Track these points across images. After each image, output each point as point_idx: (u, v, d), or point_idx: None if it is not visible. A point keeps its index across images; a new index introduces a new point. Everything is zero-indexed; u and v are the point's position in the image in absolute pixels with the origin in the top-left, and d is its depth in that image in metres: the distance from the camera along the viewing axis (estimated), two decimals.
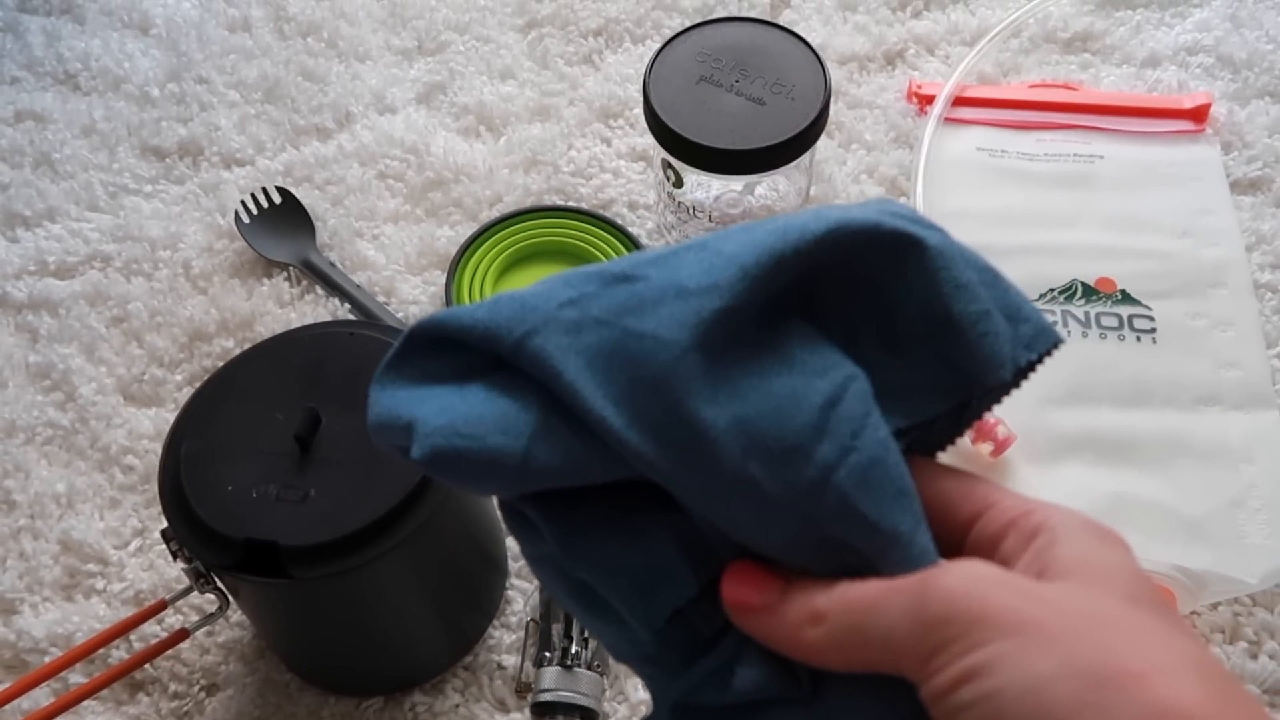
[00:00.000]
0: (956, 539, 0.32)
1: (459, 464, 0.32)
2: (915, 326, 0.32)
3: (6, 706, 0.55)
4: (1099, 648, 0.26)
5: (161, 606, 0.57)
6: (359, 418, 0.51)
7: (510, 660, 0.60)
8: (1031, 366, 0.33)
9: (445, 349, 0.33)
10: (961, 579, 0.28)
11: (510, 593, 0.62)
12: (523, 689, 0.60)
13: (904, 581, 0.29)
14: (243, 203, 0.76)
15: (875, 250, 0.32)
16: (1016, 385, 0.34)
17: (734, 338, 0.32)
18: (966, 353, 0.32)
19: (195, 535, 0.50)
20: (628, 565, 0.32)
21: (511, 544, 0.63)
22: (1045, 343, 0.33)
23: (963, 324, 0.32)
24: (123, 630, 0.56)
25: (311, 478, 0.51)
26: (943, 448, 0.35)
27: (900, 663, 0.28)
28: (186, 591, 0.56)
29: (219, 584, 0.54)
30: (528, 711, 0.58)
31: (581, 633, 0.59)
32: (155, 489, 0.66)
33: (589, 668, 0.58)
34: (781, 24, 0.70)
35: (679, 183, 0.69)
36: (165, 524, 0.62)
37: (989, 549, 0.31)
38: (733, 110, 0.65)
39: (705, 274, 0.32)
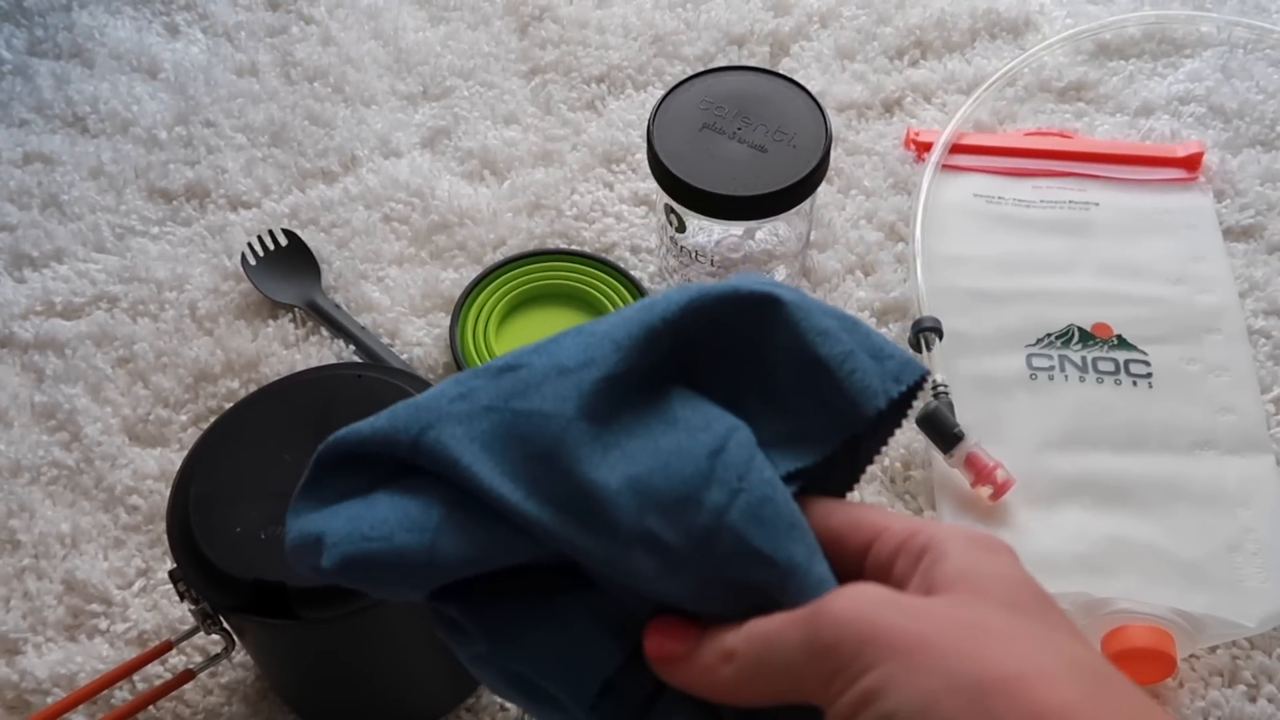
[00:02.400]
0: (854, 569, 0.33)
1: (369, 567, 0.33)
2: (789, 377, 0.35)
3: None
4: (981, 658, 0.27)
5: (167, 648, 0.57)
6: None
7: None
8: (906, 400, 0.35)
9: (352, 467, 0.35)
10: (850, 602, 0.30)
11: None
12: None
13: (800, 611, 0.30)
14: (249, 244, 0.76)
15: (738, 312, 0.35)
16: (898, 423, 0.35)
17: (617, 405, 0.34)
18: (839, 391, 0.34)
19: (203, 576, 0.51)
20: (553, 649, 0.34)
21: None
22: (912, 374, 0.34)
23: (831, 365, 0.34)
24: (128, 671, 0.56)
25: None
26: (849, 489, 0.37)
27: (804, 690, 0.29)
28: (192, 632, 0.56)
29: (225, 625, 0.55)
30: None
31: None
32: (160, 529, 0.66)
33: None
34: (782, 72, 0.71)
35: (681, 227, 0.70)
36: (171, 564, 0.63)
37: (884, 573, 0.32)
38: (735, 157, 0.67)
39: (582, 352, 0.34)
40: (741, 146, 0.67)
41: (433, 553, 0.33)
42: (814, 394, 0.34)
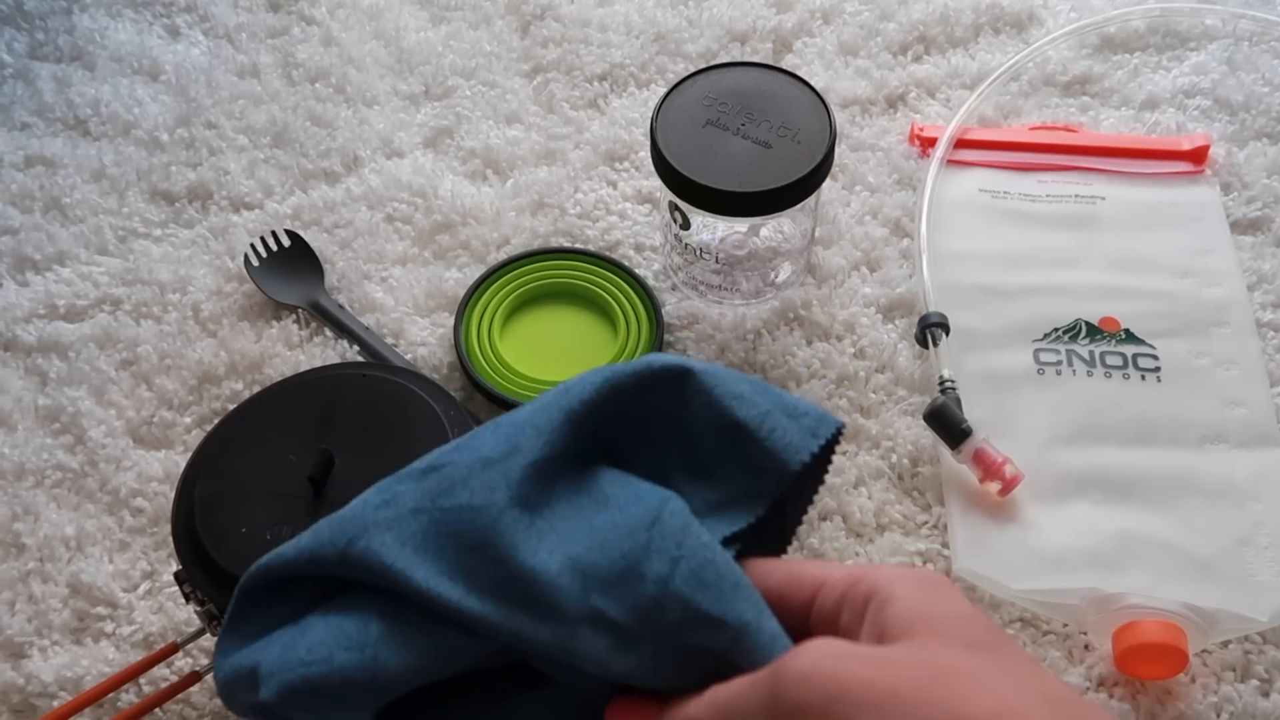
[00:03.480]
0: (800, 624, 0.33)
1: (312, 693, 0.33)
2: (711, 445, 0.35)
3: None
4: (952, 703, 0.27)
5: (173, 650, 0.57)
6: (372, 460, 0.52)
7: None
8: (826, 455, 0.35)
9: (277, 596, 0.35)
10: (810, 660, 0.29)
11: None
12: None
13: (760, 673, 0.30)
14: (252, 245, 0.76)
15: (653, 387, 0.35)
16: (820, 479, 0.36)
17: (546, 490, 0.34)
18: (762, 451, 0.34)
19: (209, 577, 0.50)
20: None
21: None
22: (828, 428, 0.35)
23: (750, 427, 0.34)
24: (134, 673, 0.56)
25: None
26: (782, 550, 0.37)
27: None
28: (198, 634, 0.56)
29: None
30: None
31: None
32: (165, 532, 0.66)
33: None
34: (785, 68, 0.71)
35: (686, 225, 0.70)
36: (176, 566, 0.62)
37: (830, 626, 0.32)
38: (739, 153, 0.66)
39: (505, 443, 0.34)
40: (745, 143, 0.67)
41: (375, 668, 0.32)
42: (737, 458, 0.35)
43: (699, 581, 0.31)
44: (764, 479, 0.34)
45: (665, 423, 0.35)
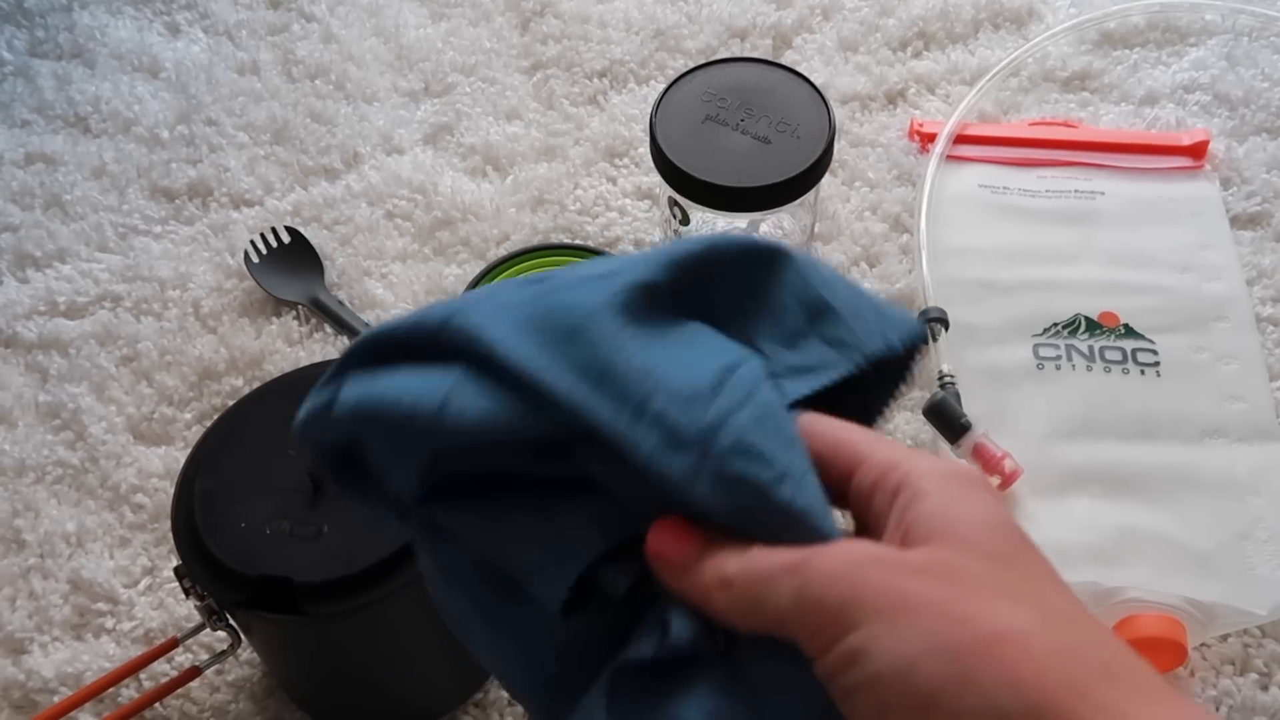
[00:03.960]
0: (838, 490, 0.33)
1: (379, 416, 0.34)
2: (797, 320, 0.36)
3: None
4: (960, 619, 0.28)
5: (173, 645, 0.57)
6: None
7: None
8: (908, 356, 0.36)
9: (377, 360, 0.36)
10: (838, 562, 0.30)
11: None
12: None
13: (793, 558, 0.30)
14: (252, 242, 0.76)
15: (752, 259, 0.36)
16: (902, 378, 0.37)
17: (640, 313, 0.34)
18: (847, 331, 0.35)
19: (209, 572, 0.50)
20: (531, 536, 0.34)
21: None
22: (912, 331, 0.36)
23: (837, 309, 0.36)
24: (134, 669, 0.56)
25: (324, 514, 0.51)
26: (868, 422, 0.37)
27: (792, 637, 0.30)
28: (198, 629, 0.56)
29: (231, 621, 0.55)
30: None
31: None
32: (165, 527, 0.66)
33: None
34: (784, 64, 0.71)
35: (685, 220, 0.70)
36: (176, 562, 0.62)
37: (863, 504, 0.32)
38: (739, 149, 0.66)
39: (609, 265, 0.35)
40: (745, 138, 0.67)
41: (443, 407, 0.33)
42: (823, 334, 0.36)
43: (758, 423, 0.32)
44: (844, 355, 0.35)
45: (758, 294, 0.37)
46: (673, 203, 0.70)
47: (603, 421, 0.32)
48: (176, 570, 0.53)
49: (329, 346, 0.73)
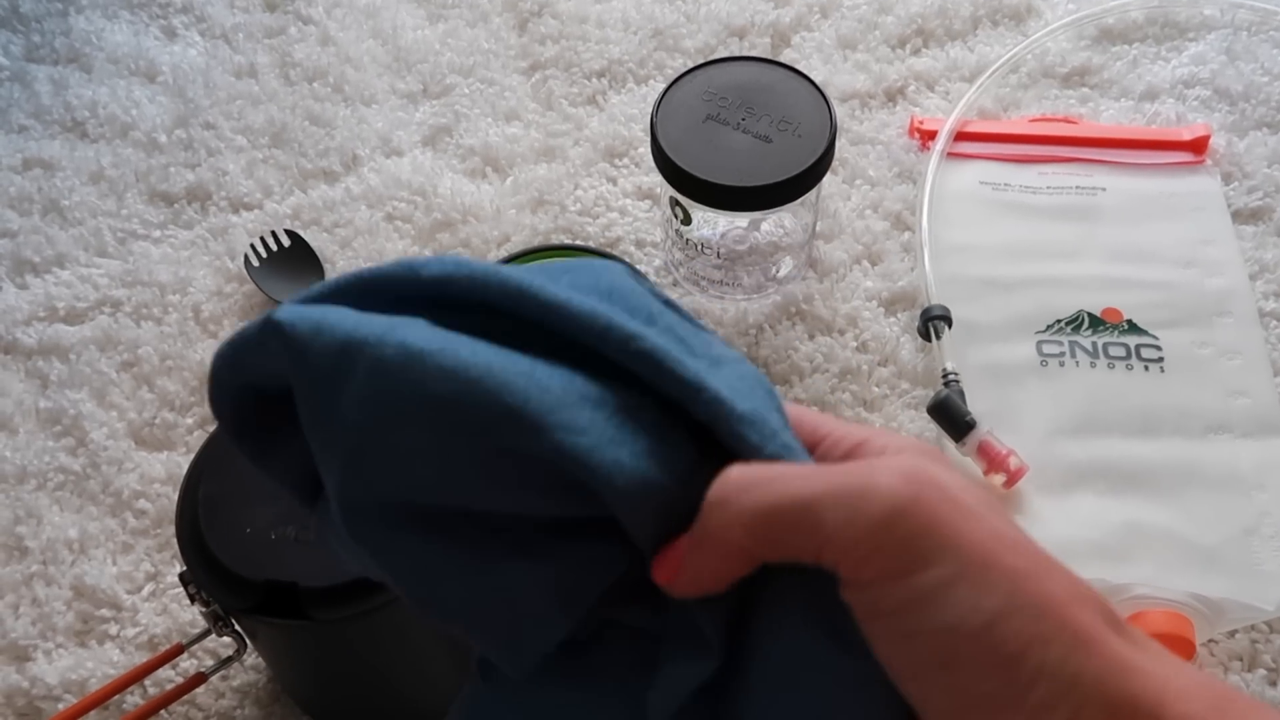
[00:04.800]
0: None
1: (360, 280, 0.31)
2: None
3: None
4: (1033, 579, 0.27)
5: (178, 651, 0.57)
6: None
7: None
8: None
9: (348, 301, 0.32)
10: (905, 482, 0.27)
11: None
12: None
13: (838, 471, 0.28)
14: (252, 246, 0.76)
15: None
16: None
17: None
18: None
19: (214, 578, 0.50)
20: (520, 578, 0.31)
21: None
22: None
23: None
24: (140, 675, 0.56)
25: None
26: None
27: (823, 553, 0.28)
28: (204, 635, 0.56)
29: (236, 627, 0.54)
30: None
31: None
32: (168, 533, 0.66)
33: None
34: (785, 62, 0.71)
35: (687, 220, 0.70)
36: (180, 568, 0.62)
37: None
38: (740, 148, 0.66)
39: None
40: (746, 137, 0.67)
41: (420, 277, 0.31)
42: None
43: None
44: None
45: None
46: (674, 203, 0.69)
47: (629, 333, 0.30)
48: (181, 576, 0.52)
49: None
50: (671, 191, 0.68)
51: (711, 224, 0.72)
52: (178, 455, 0.69)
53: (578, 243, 0.76)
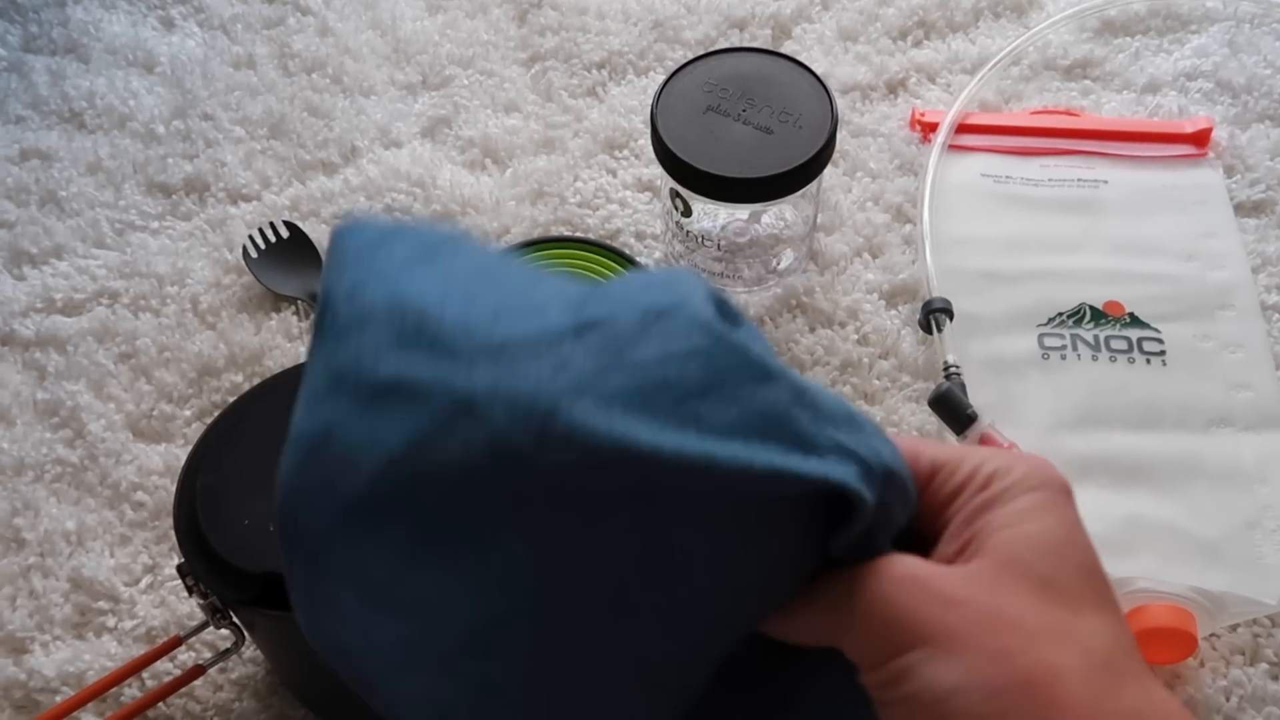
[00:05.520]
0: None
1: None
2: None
3: None
4: (998, 656, 0.29)
5: (176, 643, 0.56)
6: None
7: None
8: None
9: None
10: (890, 583, 0.31)
11: None
12: None
13: (849, 582, 0.32)
14: (250, 237, 0.76)
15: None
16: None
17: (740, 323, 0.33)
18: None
19: (212, 570, 0.50)
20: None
21: None
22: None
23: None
24: (138, 667, 0.56)
25: None
26: None
27: (845, 650, 0.32)
28: (201, 627, 0.56)
29: (235, 619, 0.54)
30: None
31: None
32: (166, 525, 0.65)
33: None
34: (786, 53, 0.70)
35: (687, 212, 0.69)
36: (177, 560, 0.62)
37: (941, 507, 0.33)
38: (741, 139, 0.66)
39: (667, 292, 0.31)
40: (747, 128, 0.66)
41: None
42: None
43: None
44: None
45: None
46: (674, 194, 0.69)
47: (807, 474, 0.29)
48: (179, 568, 0.52)
49: None
50: (672, 183, 0.68)
51: (712, 216, 0.72)
52: (176, 447, 0.69)
53: (578, 235, 0.76)
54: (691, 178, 0.66)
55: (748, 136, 0.66)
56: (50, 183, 0.81)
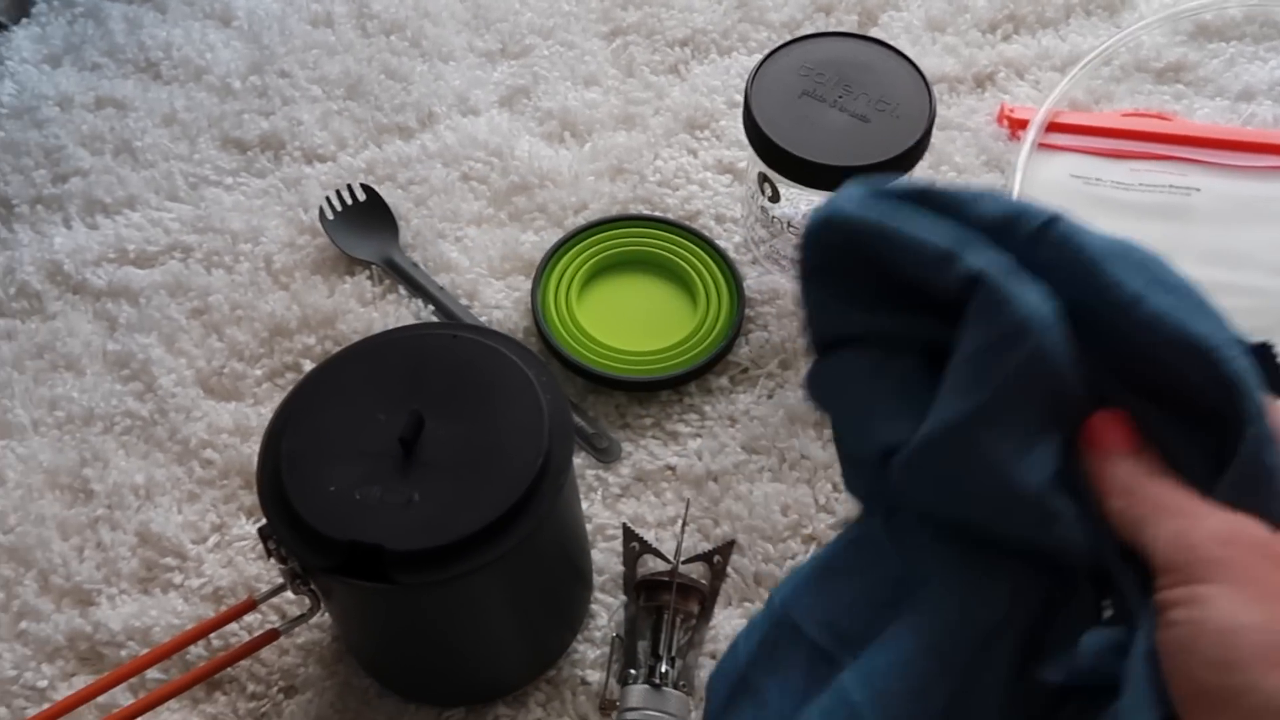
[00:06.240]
0: None
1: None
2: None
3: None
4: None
5: (250, 606, 0.56)
6: (461, 422, 0.51)
7: (594, 676, 0.59)
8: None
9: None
10: (1224, 527, 0.33)
11: (594, 607, 0.61)
12: (607, 706, 0.58)
13: (1188, 507, 0.34)
14: (327, 199, 0.75)
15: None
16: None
17: None
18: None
19: (297, 535, 0.49)
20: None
21: (598, 557, 0.62)
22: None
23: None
24: (213, 627, 0.55)
25: (414, 482, 0.50)
26: None
27: (1151, 559, 0.34)
28: (277, 590, 0.55)
29: (312, 585, 0.53)
30: None
31: (669, 650, 0.58)
32: (234, 484, 0.65)
33: (675, 686, 0.57)
34: (885, 40, 0.69)
35: (775, 197, 0.68)
36: (245, 520, 0.62)
37: None
38: (836, 126, 0.64)
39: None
40: (842, 115, 0.65)
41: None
42: None
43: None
44: None
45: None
46: (762, 179, 0.68)
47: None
48: (260, 530, 0.52)
49: (403, 308, 0.71)
50: (761, 167, 0.67)
51: (794, 202, 0.70)
52: (245, 406, 0.68)
53: (657, 214, 0.75)
54: (784, 163, 0.64)
55: (843, 123, 0.65)
56: (125, 132, 0.80)
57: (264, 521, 0.51)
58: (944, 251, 0.36)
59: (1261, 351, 0.36)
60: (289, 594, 0.55)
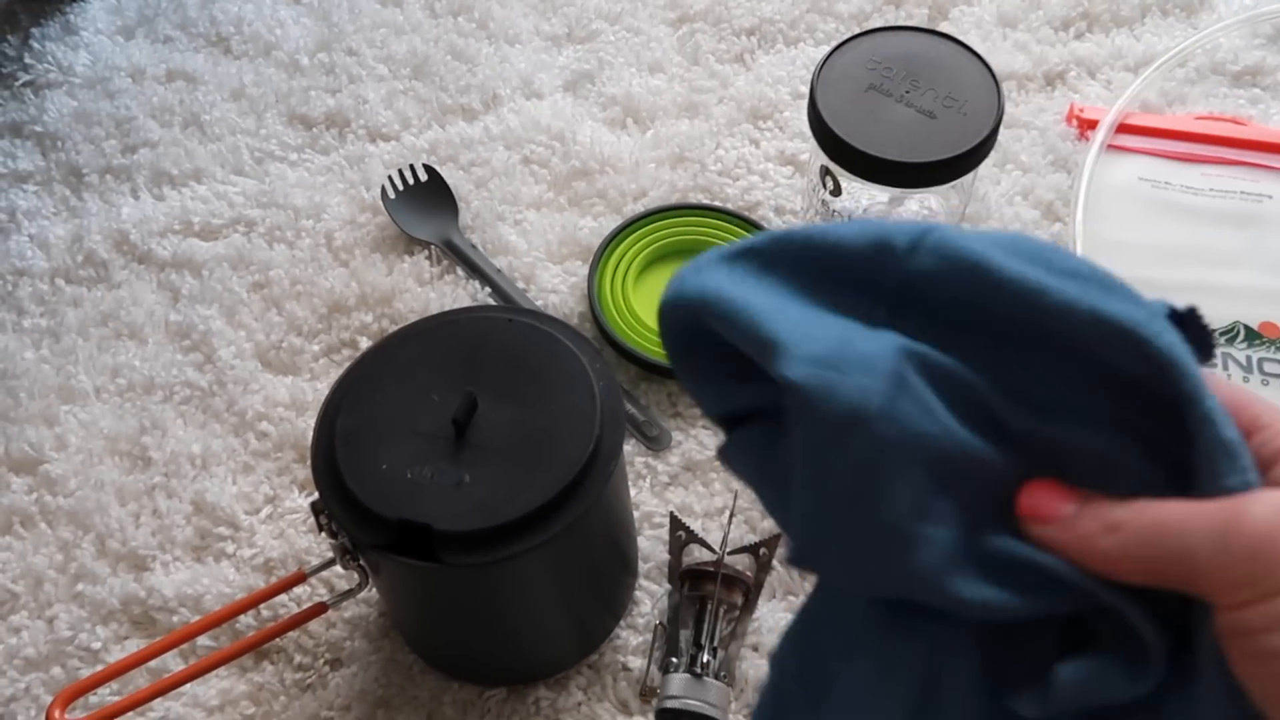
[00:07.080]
0: None
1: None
2: None
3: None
4: None
5: (301, 578, 0.57)
6: (515, 405, 0.51)
7: (635, 662, 0.59)
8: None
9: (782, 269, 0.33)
10: (1276, 514, 0.27)
11: (638, 594, 0.62)
12: (647, 693, 0.59)
13: (1212, 505, 0.28)
14: (389, 178, 0.75)
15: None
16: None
17: None
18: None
19: (348, 511, 0.50)
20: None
21: (644, 544, 0.62)
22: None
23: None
24: (263, 597, 0.56)
25: (466, 463, 0.50)
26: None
27: (1198, 583, 0.28)
28: (328, 564, 0.56)
29: (361, 561, 0.54)
30: (651, 716, 0.58)
31: (711, 640, 0.58)
32: (289, 457, 0.66)
33: (716, 677, 0.57)
34: (955, 35, 0.68)
35: (837, 190, 0.68)
36: (298, 493, 0.63)
37: (1262, 470, 0.30)
38: (902, 121, 0.64)
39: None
40: (909, 111, 0.64)
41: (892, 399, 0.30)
42: None
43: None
44: None
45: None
46: (825, 172, 0.67)
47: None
48: (313, 505, 0.52)
49: (460, 290, 0.72)
50: (824, 160, 0.66)
51: (855, 196, 0.70)
52: (302, 380, 0.69)
53: (716, 204, 0.75)
54: (848, 157, 0.64)
55: (909, 119, 0.64)
56: (194, 105, 0.81)
57: (316, 496, 0.51)
58: (764, 342, 0.31)
59: (1187, 318, 0.31)
60: (338, 568, 0.56)
